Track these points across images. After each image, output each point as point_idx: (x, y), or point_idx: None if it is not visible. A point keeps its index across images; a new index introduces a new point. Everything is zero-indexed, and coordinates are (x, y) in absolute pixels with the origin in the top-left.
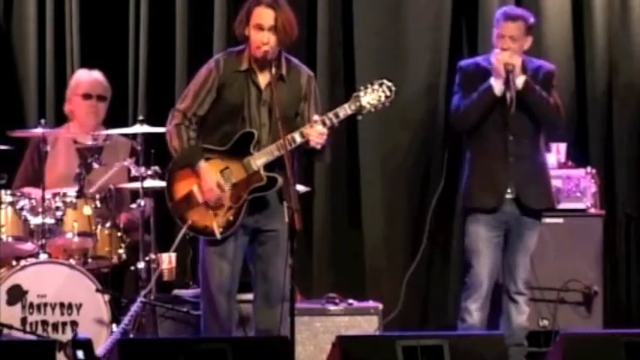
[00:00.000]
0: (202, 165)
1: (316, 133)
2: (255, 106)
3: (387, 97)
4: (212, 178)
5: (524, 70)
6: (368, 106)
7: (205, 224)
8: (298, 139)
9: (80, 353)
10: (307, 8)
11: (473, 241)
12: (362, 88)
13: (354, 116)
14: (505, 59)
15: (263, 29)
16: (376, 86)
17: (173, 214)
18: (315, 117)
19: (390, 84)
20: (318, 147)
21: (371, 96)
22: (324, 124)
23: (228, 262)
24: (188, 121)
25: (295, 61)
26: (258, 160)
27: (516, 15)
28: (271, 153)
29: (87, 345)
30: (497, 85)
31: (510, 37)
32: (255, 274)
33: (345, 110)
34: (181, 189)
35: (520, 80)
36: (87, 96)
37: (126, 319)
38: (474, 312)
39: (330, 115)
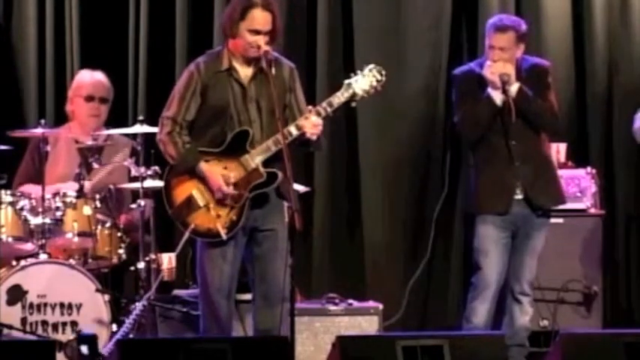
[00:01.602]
0: (204, 166)
1: (310, 124)
2: (242, 104)
3: (378, 81)
4: (217, 175)
5: (518, 76)
6: (360, 92)
7: (208, 227)
8: (294, 131)
9: (84, 348)
10: (307, 8)
11: (482, 241)
12: (352, 75)
13: (348, 104)
14: (499, 70)
15: (260, 33)
16: (366, 72)
17: (174, 220)
18: (310, 107)
19: (380, 67)
20: (314, 138)
21: (362, 81)
22: (318, 114)
23: (228, 264)
24: (179, 127)
25: (275, 54)
26: (256, 157)
27: (505, 26)
28: (268, 149)
29: (91, 340)
30: (496, 95)
31: (500, 48)
32: (253, 275)
33: (339, 98)
34: (180, 194)
35: (514, 88)
36: (89, 98)
37: (128, 323)
38: (481, 313)
39: (324, 104)
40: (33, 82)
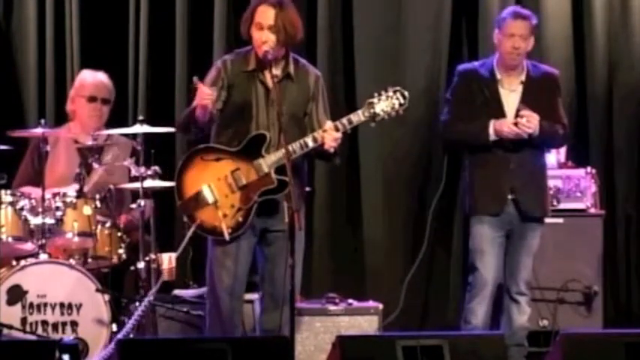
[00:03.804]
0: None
1: (331, 137)
2: (264, 106)
3: (400, 104)
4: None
5: (527, 82)
6: (382, 113)
7: (214, 224)
8: (310, 143)
9: (66, 357)
10: (307, 8)
11: (477, 241)
12: (376, 94)
13: (367, 123)
14: (526, 129)
15: (262, 28)
16: (390, 93)
17: (182, 213)
18: (329, 123)
19: (404, 92)
20: (332, 150)
21: (385, 103)
22: (337, 129)
23: (234, 262)
24: None
25: (303, 61)
26: (269, 163)
27: (525, 14)
28: (282, 158)
29: (73, 349)
30: (493, 135)
31: (520, 35)
32: (262, 275)
33: (359, 117)
34: (191, 188)
35: (536, 133)
36: (92, 99)
37: (129, 325)
38: (479, 313)
39: (344, 121)
40: (33, 82)
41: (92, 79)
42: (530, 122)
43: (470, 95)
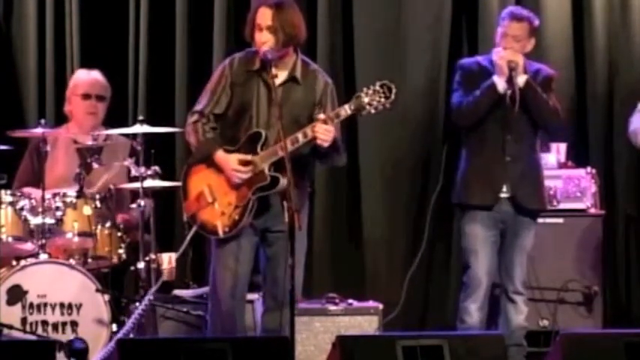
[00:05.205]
0: (219, 154)
1: (322, 129)
2: (266, 106)
3: (386, 98)
4: (232, 159)
5: (525, 70)
6: (368, 107)
7: (214, 223)
8: (301, 138)
9: None
10: (307, 8)
11: (470, 240)
12: (364, 88)
13: (355, 116)
14: (508, 57)
15: (262, 29)
16: (378, 87)
17: (186, 214)
18: (320, 116)
19: (391, 85)
20: (326, 144)
21: (372, 97)
22: (325, 123)
23: (236, 262)
24: (206, 119)
25: (315, 66)
26: (264, 160)
27: (522, 16)
28: (275, 152)
29: (82, 353)
30: (500, 82)
31: (513, 36)
32: (264, 275)
33: (346, 110)
34: (194, 189)
35: (522, 79)
36: (86, 96)
37: (129, 323)
38: (474, 312)
39: (332, 114)
40: (33, 82)
41: (86, 77)
42: (513, 53)
43: (474, 82)
